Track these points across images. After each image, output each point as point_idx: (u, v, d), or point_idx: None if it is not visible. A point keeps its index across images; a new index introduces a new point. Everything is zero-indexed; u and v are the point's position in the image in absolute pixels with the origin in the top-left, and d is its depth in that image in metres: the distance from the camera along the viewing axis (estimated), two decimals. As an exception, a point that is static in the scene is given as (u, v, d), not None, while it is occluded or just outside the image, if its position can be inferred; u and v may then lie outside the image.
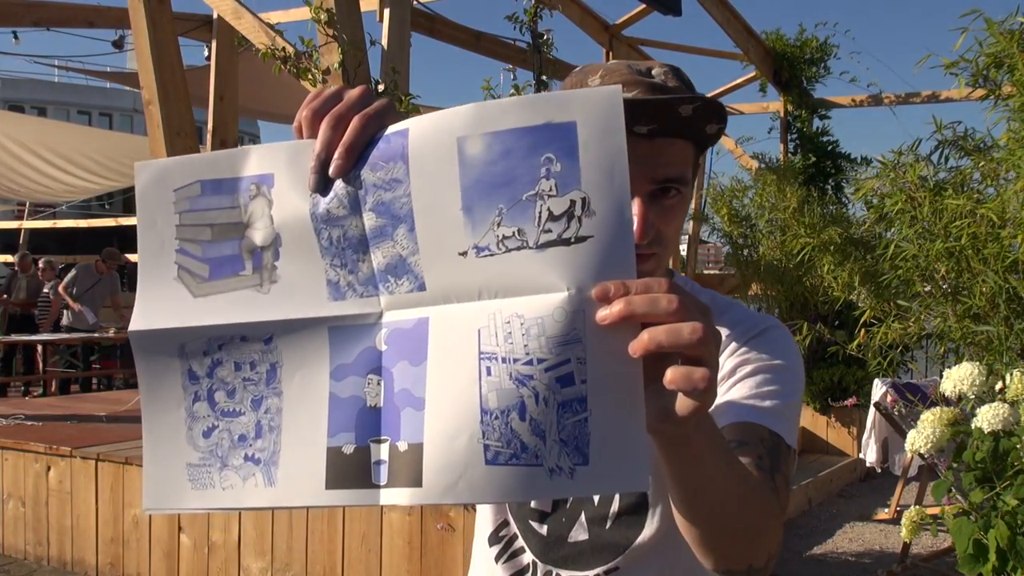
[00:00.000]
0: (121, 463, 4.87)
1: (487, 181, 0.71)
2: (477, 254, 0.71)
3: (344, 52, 3.97)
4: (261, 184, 0.78)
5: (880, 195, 3.76)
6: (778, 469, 1.02)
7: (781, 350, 1.13)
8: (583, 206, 0.69)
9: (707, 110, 1.02)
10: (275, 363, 0.78)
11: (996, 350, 3.07)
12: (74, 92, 30.73)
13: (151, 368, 0.80)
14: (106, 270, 9.98)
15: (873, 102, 8.90)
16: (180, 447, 0.79)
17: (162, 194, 0.80)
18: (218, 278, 0.79)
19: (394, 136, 0.74)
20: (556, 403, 0.68)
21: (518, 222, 0.70)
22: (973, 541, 2.12)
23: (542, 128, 0.70)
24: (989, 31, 3.27)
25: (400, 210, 0.74)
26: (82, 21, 6.30)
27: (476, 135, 0.71)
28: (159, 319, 0.79)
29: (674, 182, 1.06)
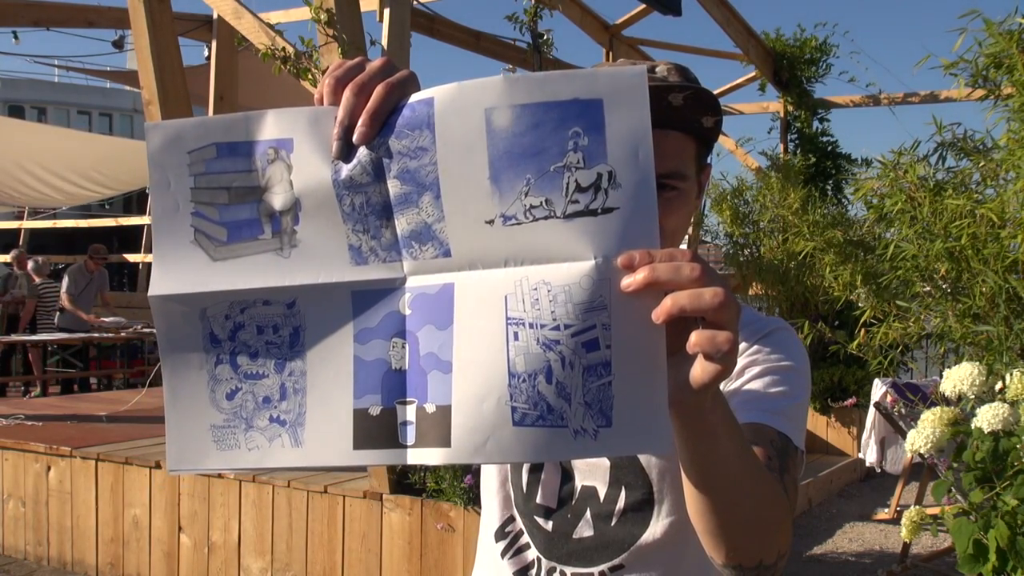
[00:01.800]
0: (121, 463, 4.87)
1: (515, 152, 0.73)
2: (504, 223, 0.73)
3: (344, 52, 3.97)
4: (280, 148, 0.78)
5: (880, 195, 3.76)
6: (787, 470, 1.02)
7: (789, 351, 1.13)
8: (609, 179, 0.72)
9: (698, 100, 1.02)
10: (298, 326, 0.78)
11: (996, 350, 3.07)
12: (74, 92, 30.70)
13: (172, 332, 0.79)
14: (95, 267, 9.96)
15: (872, 102, 8.90)
16: (204, 409, 0.79)
17: (176, 156, 0.79)
18: (237, 241, 0.79)
19: (419, 104, 0.75)
20: (582, 367, 0.71)
21: (545, 192, 0.72)
22: (973, 541, 2.12)
23: (570, 103, 0.72)
24: (988, 31, 3.27)
25: (426, 178, 0.75)
26: (82, 21, 6.30)
27: (504, 106, 0.73)
28: (179, 283, 0.79)
29: (671, 176, 1.06)
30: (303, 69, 4.07)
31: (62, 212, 18.48)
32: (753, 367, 1.11)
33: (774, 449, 1.02)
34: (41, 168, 11.74)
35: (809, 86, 8.89)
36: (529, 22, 6.32)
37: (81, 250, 10.79)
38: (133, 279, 16.44)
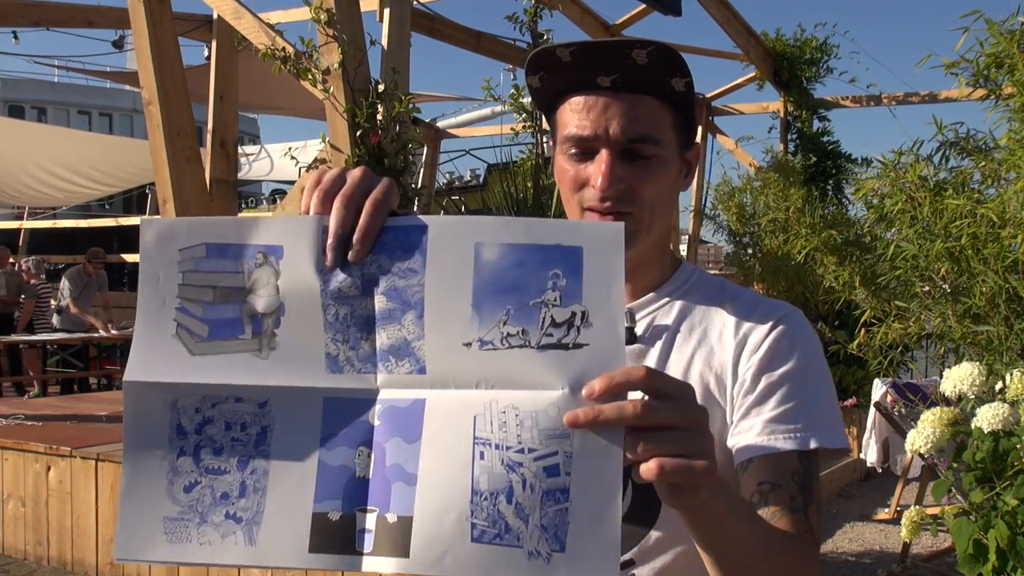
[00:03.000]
0: (121, 463, 4.86)
1: (498, 284, 0.79)
2: (481, 346, 0.78)
3: (344, 52, 3.97)
4: (269, 254, 0.82)
5: (880, 195, 3.76)
6: (811, 500, 1.04)
7: (803, 344, 1.12)
8: (582, 318, 0.78)
9: (664, 57, 1.02)
10: (266, 426, 0.80)
11: (996, 350, 3.07)
12: (74, 92, 30.69)
13: (139, 418, 0.83)
14: (94, 270, 9.93)
15: (873, 102, 8.90)
16: (159, 500, 0.81)
17: (167, 252, 0.82)
18: (217, 339, 0.81)
19: (414, 230, 0.81)
20: (541, 490, 0.75)
21: (523, 323, 0.78)
22: (973, 541, 2.12)
23: (553, 248, 0.79)
24: (990, 31, 3.27)
25: (412, 297, 0.80)
26: (82, 21, 6.29)
27: (494, 243, 0.80)
28: (155, 372, 0.81)
29: (644, 140, 1.06)
30: (303, 69, 4.07)
31: (62, 212, 18.48)
32: (769, 374, 1.09)
33: (796, 483, 1.03)
34: (40, 169, 11.74)
35: (809, 86, 8.89)
36: (529, 22, 6.32)
37: (81, 250, 10.77)
38: (133, 279, 16.41)
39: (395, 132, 4.11)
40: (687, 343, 1.14)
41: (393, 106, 4.06)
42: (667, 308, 1.18)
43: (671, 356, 1.14)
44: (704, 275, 1.23)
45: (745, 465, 1.07)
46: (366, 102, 3.99)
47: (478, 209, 6.11)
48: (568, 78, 1.08)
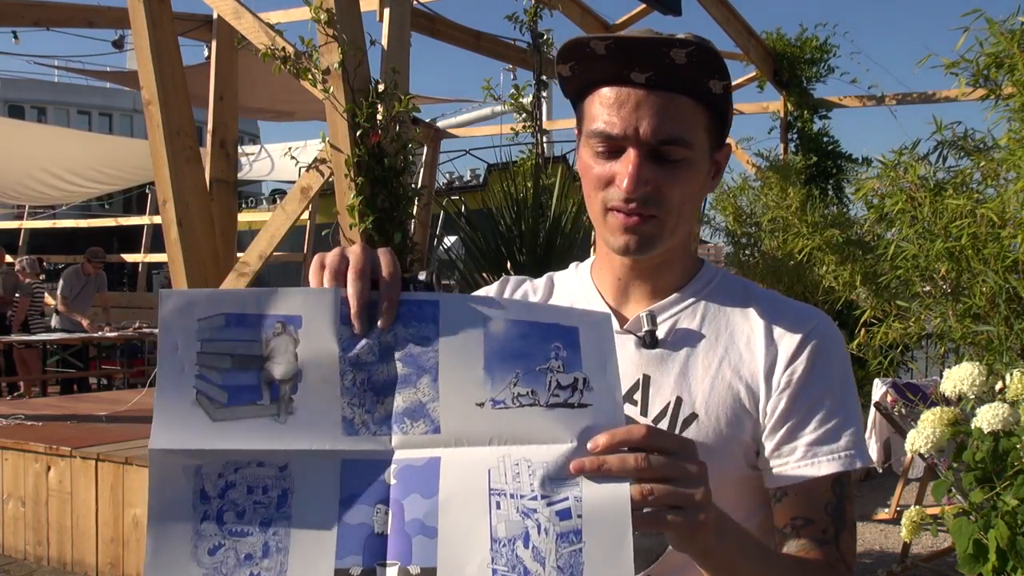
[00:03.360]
0: (121, 463, 4.86)
1: (507, 352, 0.86)
2: (493, 406, 0.85)
3: (344, 52, 3.97)
4: (288, 324, 0.87)
5: (880, 195, 3.76)
6: (843, 527, 1.05)
7: (836, 355, 1.10)
8: (584, 383, 0.85)
9: (703, 58, 0.99)
10: (287, 488, 0.84)
11: (996, 350, 3.07)
12: (74, 92, 30.67)
13: (164, 485, 0.83)
14: (93, 270, 9.90)
15: (873, 102, 8.89)
16: (185, 564, 0.83)
17: (186, 322, 0.86)
18: (236, 404, 0.85)
19: (427, 304, 0.89)
20: (555, 533, 0.80)
21: (531, 385, 0.85)
22: (973, 541, 2.11)
23: (553, 326, 0.88)
24: (990, 31, 3.27)
25: (427, 363, 0.86)
26: (82, 21, 6.29)
27: (500, 319, 0.88)
28: (179, 439, 0.84)
29: (675, 142, 1.03)
30: (303, 69, 4.06)
31: (62, 212, 18.48)
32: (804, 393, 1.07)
33: (828, 514, 1.05)
34: (40, 169, 11.73)
35: (809, 86, 8.89)
36: (529, 22, 6.31)
37: (81, 250, 10.76)
38: (133, 279, 16.44)
39: (395, 132, 4.11)
40: (714, 349, 1.11)
41: (393, 106, 4.06)
42: (691, 310, 1.14)
43: (697, 362, 1.11)
44: (727, 275, 1.20)
45: (779, 496, 1.08)
46: (366, 102, 3.99)
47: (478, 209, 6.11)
48: (601, 70, 1.04)
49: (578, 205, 5.06)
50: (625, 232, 1.06)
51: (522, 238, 5.01)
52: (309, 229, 13.45)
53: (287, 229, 4.35)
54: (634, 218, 1.05)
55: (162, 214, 4.56)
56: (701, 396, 1.08)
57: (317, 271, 0.90)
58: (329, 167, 4.14)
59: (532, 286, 1.27)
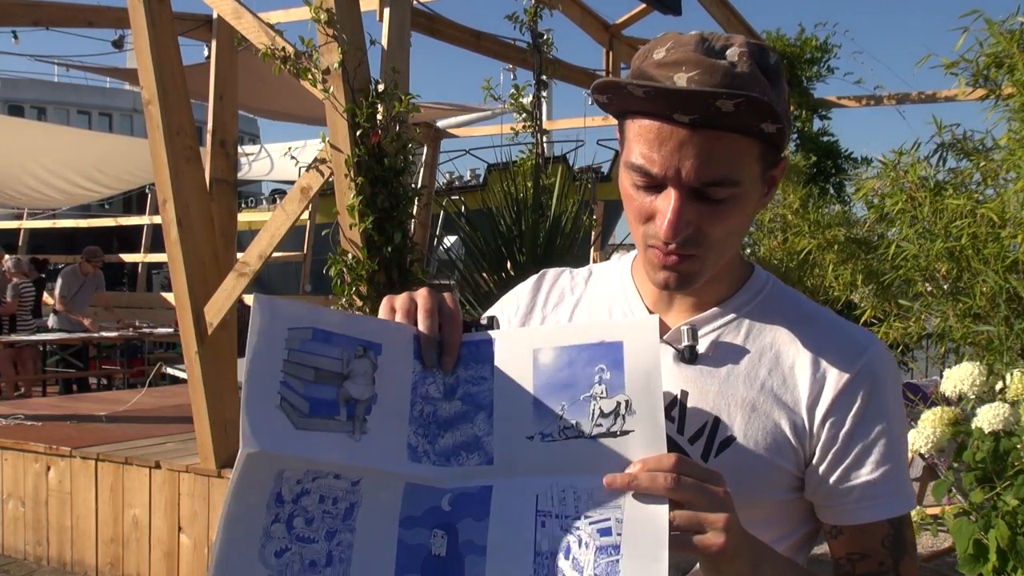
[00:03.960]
0: (121, 463, 4.86)
1: (554, 383, 0.93)
2: (542, 439, 0.91)
3: (344, 52, 3.97)
4: (369, 349, 0.93)
5: (881, 195, 3.76)
6: (902, 556, 1.04)
7: (890, 390, 1.05)
8: (627, 407, 0.90)
9: (753, 109, 0.91)
10: (354, 503, 0.89)
11: (996, 350, 3.06)
12: (74, 92, 30.67)
13: (244, 483, 0.86)
14: (91, 270, 9.88)
15: (873, 102, 8.89)
16: (251, 562, 0.86)
17: (278, 329, 0.91)
18: (316, 416, 0.90)
19: (483, 344, 0.97)
20: (595, 547, 0.86)
21: (576, 417, 0.91)
22: (973, 541, 2.12)
23: (597, 345, 0.93)
24: (990, 31, 3.27)
25: (483, 400, 0.94)
26: (82, 21, 6.28)
27: (548, 347, 0.94)
28: (269, 442, 0.87)
29: (720, 184, 0.96)
30: (303, 69, 4.06)
31: (62, 212, 18.47)
32: (861, 429, 1.03)
33: (887, 549, 1.04)
34: (41, 168, 11.71)
35: (810, 86, 8.89)
36: (529, 22, 6.31)
37: (81, 250, 10.75)
38: (133, 279, 16.43)
39: (395, 132, 4.11)
40: (756, 370, 1.05)
41: (393, 106, 4.05)
42: (735, 325, 1.08)
43: (738, 383, 1.05)
44: (778, 285, 1.14)
45: (835, 533, 1.06)
46: (366, 102, 3.99)
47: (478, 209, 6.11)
48: (640, 106, 0.97)
49: (578, 205, 5.06)
50: (664, 270, 1.01)
51: (522, 238, 5.01)
52: (309, 229, 13.44)
53: (287, 229, 4.34)
54: (673, 257, 1.00)
55: (162, 214, 4.56)
56: (740, 420, 1.04)
57: (387, 312, 0.97)
58: (329, 167, 4.14)
59: (571, 282, 1.22)
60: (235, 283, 4.44)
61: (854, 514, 1.03)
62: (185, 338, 4.58)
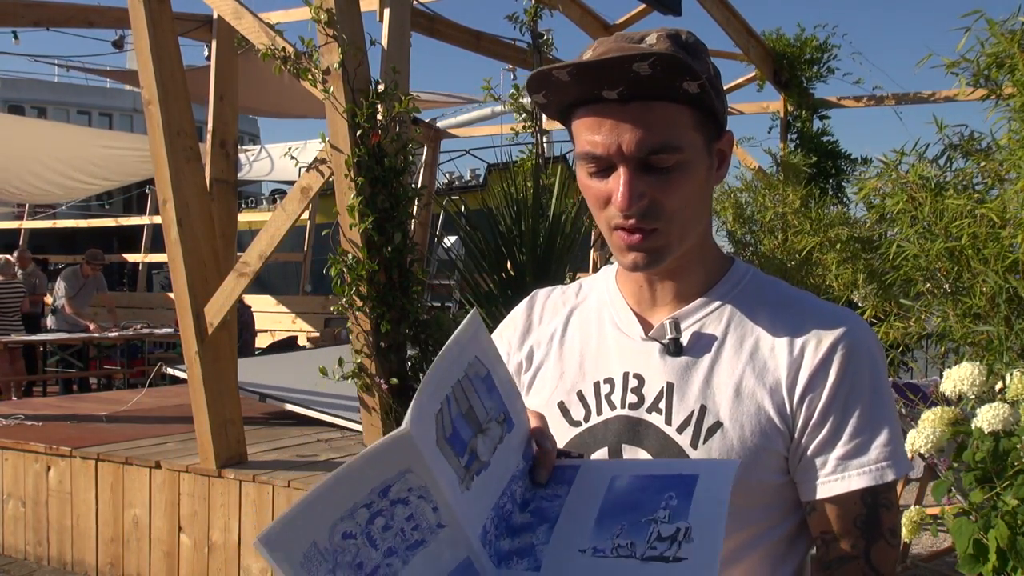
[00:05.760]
0: (121, 463, 4.86)
1: (621, 504, 0.93)
2: (593, 553, 0.91)
3: (344, 52, 3.97)
4: (507, 422, 0.97)
5: (881, 195, 3.76)
6: (875, 539, 1.04)
7: (868, 364, 1.07)
8: (685, 534, 0.88)
9: (669, 66, 0.96)
10: (425, 541, 0.89)
11: (996, 350, 3.06)
12: (74, 92, 30.66)
13: (376, 457, 0.85)
14: (92, 271, 9.87)
15: (873, 102, 8.89)
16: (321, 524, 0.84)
17: (471, 349, 0.95)
18: (451, 446, 0.91)
19: (568, 469, 0.99)
20: None
21: (632, 537, 0.90)
22: (973, 541, 2.12)
23: (674, 477, 0.94)
24: (991, 31, 3.27)
25: (551, 514, 0.96)
26: (82, 21, 6.29)
27: (626, 476, 0.96)
28: (422, 438, 0.87)
29: (662, 150, 1.01)
30: (303, 69, 4.06)
31: (62, 212, 18.48)
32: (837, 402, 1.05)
33: (858, 526, 1.04)
34: (40, 164, 11.71)
35: (809, 86, 8.89)
36: (529, 22, 6.31)
37: (81, 250, 10.77)
38: (133, 279, 16.44)
39: (395, 132, 4.11)
40: (738, 356, 1.09)
41: (393, 106, 4.05)
42: (716, 315, 1.12)
43: (722, 369, 1.09)
44: (758, 275, 1.17)
45: (809, 510, 1.07)
46: (366, 102, 3.99)
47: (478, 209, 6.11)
48: (572, 93, 1.03)
49: (578, 205, 5.06)
50: (630, 250, 1.05)
51: (522, 238, 5.00)
52: (309, 229, 13.44)
53: (287, 229, 4.35)
54: (636, 235, 1.04)
55: (162, 214, 4.56)
56: (726, 405, 1.07)
57: None
58: (329, 167, 4.14)
59: (562, 296, 1.26)
60: (235, 283, 4.44)
61: (826, 487, 1.04)
62: (185, 338, 4.59)
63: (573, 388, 1.16)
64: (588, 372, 1.16)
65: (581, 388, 1.15)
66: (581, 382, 1.16)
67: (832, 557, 1.05)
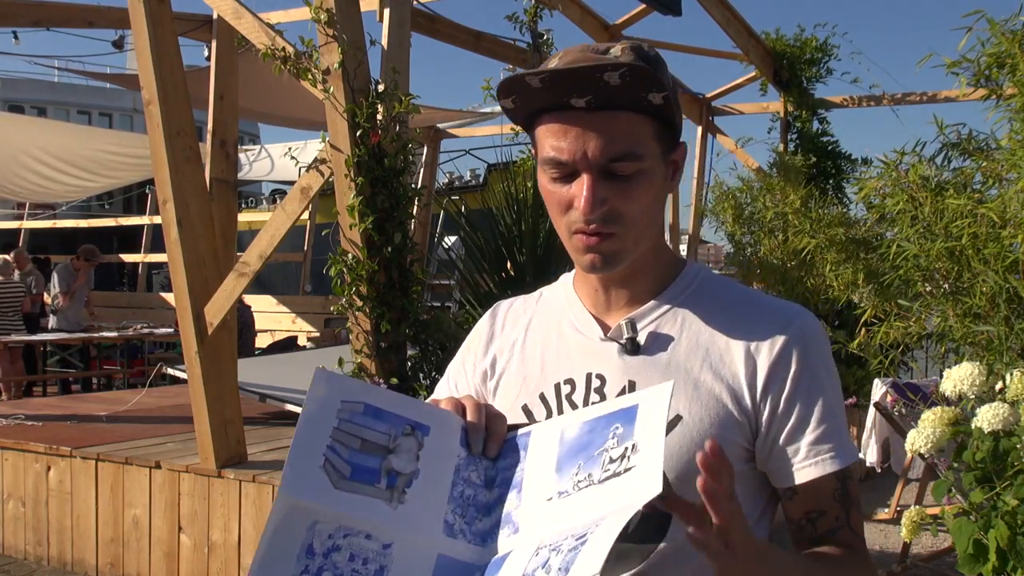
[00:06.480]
0: (121, 463, 4.86)
1: (574, 450, 0.99)
2: (559, 497, 0.96)
3: (344, 52, 3.97)
4: (417, 429, 1.00)
5: (882, 195, 3.76)
6: (851, 508, 1.13)
7: (822, 354, 1.14)
8: (632, 448, 0.94)
9: (637, 77, 1.02)
10: (385, 566, 0.93)
11: (996, 350, 3.06)
12: (74, 92, 30.67)
13: (279, 531, 0.91)
14: (84, 267, 9.86)
15: (873, 102, 8.89)
16: None
17: (331, 399, 0.98)
18: (357, 481, 0.96)
19: (521, 436, 1.05)
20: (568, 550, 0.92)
21: (589, 469, 0.96)
22: (973, 541, 2.12)
23: (615, 411, 0.99)
24: (992, 31, 3.27)
25: (515, 479, 1.01)
26: (82, 21, 6.29)
27: (574, 424, 1.01)
28: (304, 493, 0.93)
29: (624, 158, 1.06)
30: (303, 69, 4.06)
31: (62, 212, 18.48)
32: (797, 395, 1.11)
33: (837, 502, 1.11)
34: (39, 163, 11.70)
35: (809, 86, 8.89)
36: (529, 22, 6.31)
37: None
38: (133, 279, 16.44)
39: (395, 132, 4.11)
40: (694, 352, 1.14)
41: (393, 106, 4.05)
42: (671, 315, 1.17)
43: (679, 366, 1.13)
44: (710, 275, 1.22)
45: (790, 495, 1.13)
46: (366, 102, 3.99)
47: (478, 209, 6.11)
48: (541, 100, 1.08)
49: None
50: (588, 252, 1.10)
51: (522, 238, 5.01)
52: (309, 229, 13.44)
53: (287, 229, 4.35)
54: (595, 238, 1.09)
55: (162, 214, 4.56)
56: (684, 399, 1.11)
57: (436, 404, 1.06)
58: (329, 167, 4.14)
59: (524, 305, 1.31)
60: (235, 283, 4.44)
61: (804, 472, 1.10)
62: (185, 338, 4.59)
63: (536, 390, 1.20)
64: (549, 374, 1.20)
65: (543, 390, 1.20)
66: (543, 384, 1.20)
67: (822, 531, 1.11)
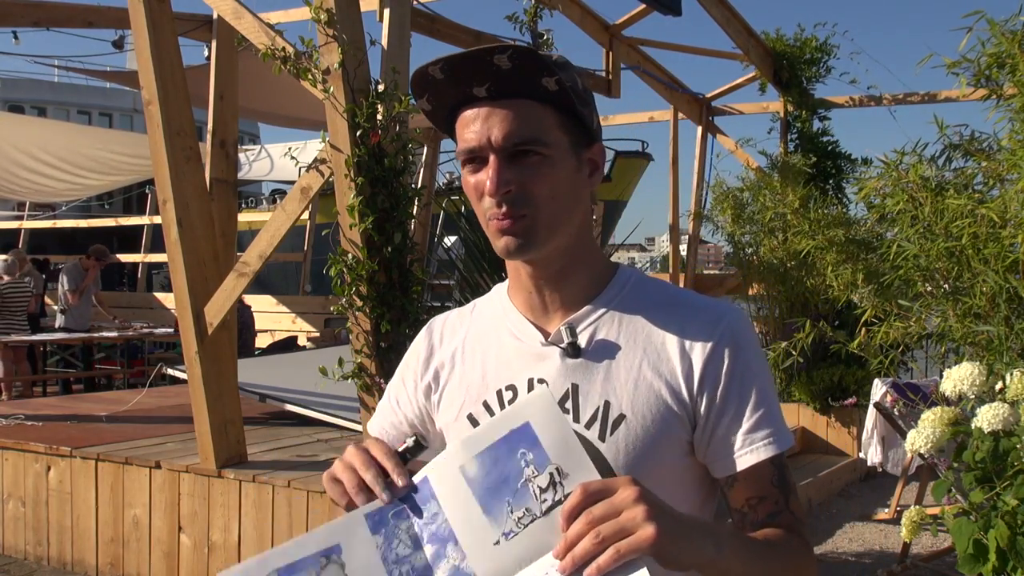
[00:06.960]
0: (121, 463, 4.87)
1: (491, 487, 0.98)
2: (506, 538, 0.96)
3: (344, 52, 3.97)
4: (330, 554, 1.00)
5: (882, 195, 3.76)
6: (789, 493, 1.17)
7: (751, 347, 1.19)
8: (559, 473, 0.96)
9: (525, 60, 1.08)
10: None
11: (996, 350, 3.06)
12: (74, 92, 30.65)
13: None
14: (94, 266, 9.86)
15: (873, 102, 8.89)
16: None
17: None
18: None
19: (423, 484, 1.02)
20: None
21: (523, 504, 0.97)
22: (973, 541, 2.12)
23: (509, 435, 0.99)
24: (992, 31, 3.27)
25: (445, 533, 0.99)
26: (82, 21, 6.29)
27: (471, 459, 1.00)
28: None
29: (527, 142, 1.11)
30: (303, 69, 4.06)
31: (62, 212, 18.48)
32: (732, 387, 1.16)
33: (775, 487, 1.15)
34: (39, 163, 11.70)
35: (809, 86, 8.88)
36: (529, 22, 6.32)
37: (81, 250, 10.75)
38: (133, 279, 16.44)
39: (395, 132, 4.11)
40: (633, 353, 1.18)
41: (393, 106, 4.05)
42: (608, 318, 1.21)
43: (619, 367, 1.18)
44: (643, 279, 1.26)
45: (730, 483, 1.17)
46: (366, 102, 3.99)
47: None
48: (450, 95, 1.14)
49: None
50: (502, 235, 1.14)
51: (522, 238, 4.99)
52: (309, 229, 13.45)
53: (287, 229, 4.35)
54: (507, 221, 1.13)
55: (162, 214, 4.56)
56: (627, 398, 1.16)
57: (333, 485, 1.05)
58: (329, 167, 4.14)
59: (458, 318, 1.34)
60: (235, 283, 4.44)
61: (742, 459, 1.15)
62: (185, 338, 4.59)
63: (479, 399, 1.23)
64: (491, 382, 1.23)
65: (486, 398, 1.23)
66: (485, 392, 1.23)
67: (763, 515, 1.15)
